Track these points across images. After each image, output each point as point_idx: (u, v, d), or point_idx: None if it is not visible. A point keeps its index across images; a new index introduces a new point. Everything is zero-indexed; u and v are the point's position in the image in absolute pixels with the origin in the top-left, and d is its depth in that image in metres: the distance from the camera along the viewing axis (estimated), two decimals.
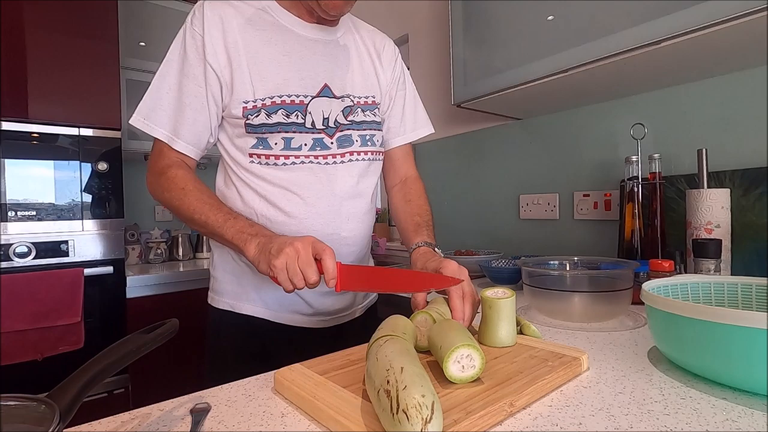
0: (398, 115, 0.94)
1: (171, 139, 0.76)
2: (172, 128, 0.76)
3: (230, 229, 0.68)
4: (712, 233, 0.91)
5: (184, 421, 0.45)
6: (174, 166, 0.76)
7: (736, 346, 0.45)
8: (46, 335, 1.45)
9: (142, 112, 0.76)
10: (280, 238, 0.64)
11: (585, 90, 1.25)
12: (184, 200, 0.72)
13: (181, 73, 0.75)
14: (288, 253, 0.60)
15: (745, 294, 0.61)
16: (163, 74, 0.76)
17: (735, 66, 1.05)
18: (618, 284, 0.76)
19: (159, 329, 0.41)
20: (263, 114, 0.75)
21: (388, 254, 2.20)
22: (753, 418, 0.41)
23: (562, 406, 0.44)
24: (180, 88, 0.75)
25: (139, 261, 2.10)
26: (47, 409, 0.30)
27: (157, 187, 0.76)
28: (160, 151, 0.77)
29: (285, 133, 0.76)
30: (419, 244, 0.81)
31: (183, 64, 0.75)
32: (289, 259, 0.60)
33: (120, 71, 1.73)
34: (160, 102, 0.75)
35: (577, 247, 1.42)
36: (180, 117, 0.75)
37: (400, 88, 0.94)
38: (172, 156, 0.77)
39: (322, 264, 0.61)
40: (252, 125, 0.75)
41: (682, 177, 1.13)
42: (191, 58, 0.75)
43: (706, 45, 0.91)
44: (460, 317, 0.62)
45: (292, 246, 0.60)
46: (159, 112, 0.75)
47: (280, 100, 0.75)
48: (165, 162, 0.76)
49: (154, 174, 0.77)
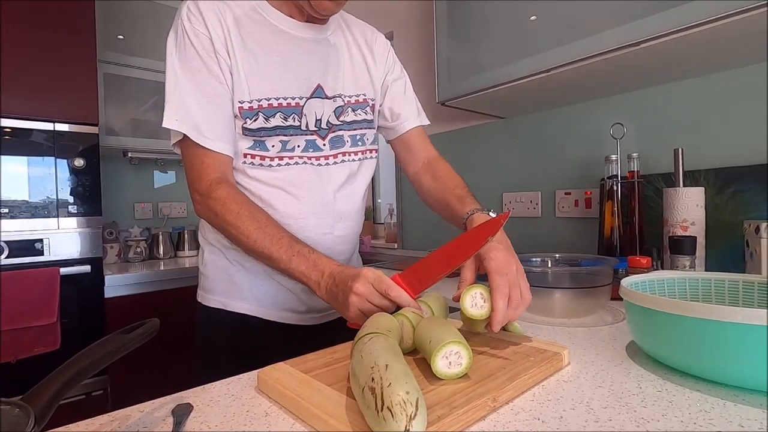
0: (402, 100, 0.92)
1: (218, 145, 0.72)
2: (214, 133, 0.72)
3: (295, 271, 0.67)
4: (687, 230, 0.93)
5: (165, 422, 0.44)
6: (222, 182, 0.72)
7: (708, 340, 0.46)
8: (21, 336, 1.41)
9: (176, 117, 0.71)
10: (342, 281, 0.62)
11: (567, 90, 1.27)
12: (241, 228, 0.69)
13: (198, 75, 0.72)
14: (354, 302, 0.59)
15: (718, 289, 0.63)
16: (179, 80, 0.72)
17: (713, 67, 1.09)
18: (598, 280, 0.78)
19: (139, 329, 0.40)
20: (261, 118, 0.74)
21: (373, 252, 2.20)
22: (725, 409, 0.42)
23: (543, 401, 0.45)
24: (203, 90, 0.72)
25: (117, 260, 2.05)
26: (21, 412, 0.30)
27: (207, 211, 0.72)
28: (202, 163, 0.72)
29: (283, 136, 0.76)
30: (470, 212, 0.74)
31: (197, 65, 0.72)
32: (361, 306, 0.59)
33: (98, 65, 1.69)
34: (190, 109, 0.71)
35: (559, 244, 1.45)
36: (216, 119, 0.72)
37: (397, 77, 0.93)
38: (216, 166, 0.73)
39: (393, 299, 0.59)
40: (250, 129, 0.74)
41: (660, 176, 1.16)
42: (205, 58, 0.72)
43: (684, 47, 0.94)
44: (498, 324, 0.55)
45: (354, 295, 0.59)
46: (195, 119, 0.71)
47: (277, 102, 0.75)
48: (211, 176, 0.72)
49: (201, 193, 0.72)
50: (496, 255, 0.60)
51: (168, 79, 0.73)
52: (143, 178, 2.32)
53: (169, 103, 0.71)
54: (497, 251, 0.60)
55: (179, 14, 0.74)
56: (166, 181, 2.41)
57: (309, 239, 0.73)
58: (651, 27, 0.90)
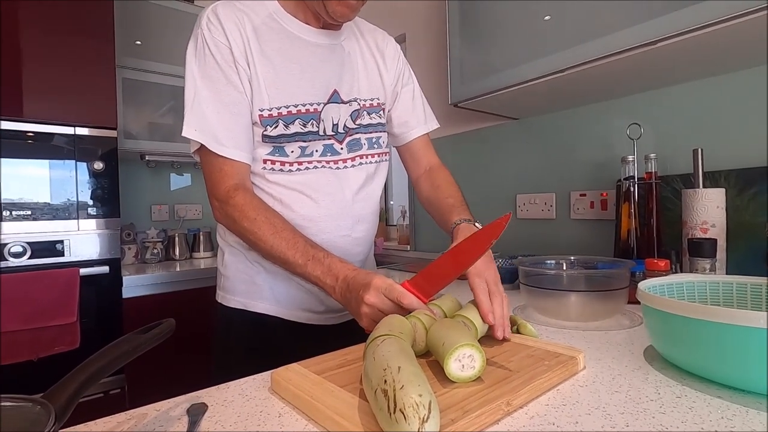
0: (410, 107, 0.94)
1: (236, 153, 0.73)
2: (233, 141, 0.73)
3: (311, 275, 0.68)
4: (707, 233, 0.91)
5: (180, 421, 0.44)
6: (240, 189, 0.73)
7: (731, 345, 0.45)
8: (42, 335, 1.44)
9: (195, 127, 0.72)
10: (354, 288, 0.63)
11: (582, 90, 1.25)
12: (258, 234, 0.70)
13: (218, 83, 0.73)
14: (368, 313, 0.60)
15: (740, 293, 0.62)
16: (198, 89, 0.73)
17: (731, 66, 1.06)
18: (614, 283, 0.76)
19: (155, 329, 0.41)
20: (281, 125, 0.75)
21: (385, 254, 2.20)
22: (748, 417, 0.41)
23: (558, 405, 0.45)
24: (221, 98, 0.73)
25: (135, 261, 2.09)
26: (42, 409, 0.30)
27: (225, 217, 0.74)
28: (221, 171, 0.74)
29: (302, 142, 0.77)
30: (457, 222, 0.78)
31: (216, 73, 0.73)
32: (374, 315, 0.60)
33: (116, 70, 1.72)
34: (209, 118, 0.72)
35: (574, 247, 1.43)
36: (235, 128, 0.73)
37: (406, 83, 0.94)
38: (234, 173, 0.74)
39: (406, 307, 0.60)
40: (270, 136, 0.75)
41: (678, 177, 1.14)
42: (223, 66, 0.73)
43: (701, 45, 0.92)
44: (488, 312, 0.59)
45: (366, 306, 0.60)
46: (213, 128, 0.72)
47: (296, 109, 0.76)
48: (229, 183, 0.73)
49: (219, 199, 0.74)
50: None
51: (187, 88, 0.74)
52: (160, 180, 2.36)
53: (188, 113, 0.73)
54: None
55: (198, 23, 0.75)
56: (182, 184, 2.44)
57: (327, 241, 0.74)
58: (667, 26, 0.88)
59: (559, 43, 1.10)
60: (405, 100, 0.93)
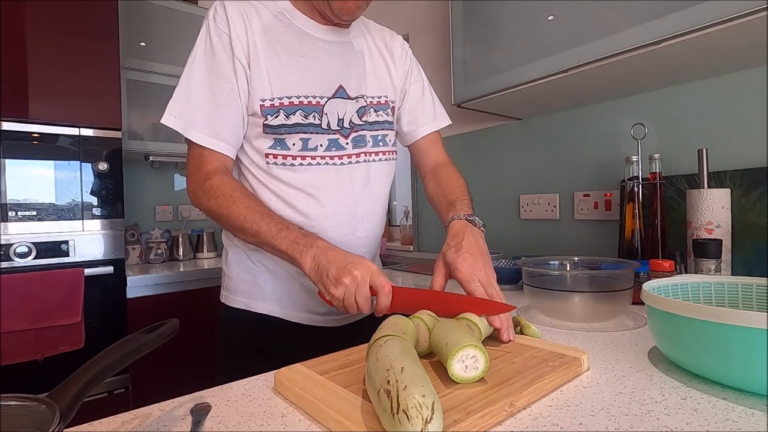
0: (419, 105, 0.94)
1: (212, 142, 0.73)
2: (212, 131, 0.73)
3: (284, 240, 0.66)
4: (712, 233, 0.91)
5: (184, 420, 0.45)
6: (218, 172, 0.73)
7: (736, 346, 0.45)
8: (47, 335, 1.45)
9: (175, 114, 0.73)
10: (336, 256, 0.62)
11: (585, 90, 1.25)
12: (233, 208, 0.70)
13: (211, 72, 0.74)
14: (347, 284, 0.59)
15: (746, 294, 0.61)
16: (192, 75, 0.74)
17: (735, 66, 1.05)
18: (618, 284, 0.76)
19: (159, 329, 0.41)
20: (282, 115, 0.75)
21: (388, 254, 2.20)
22: (753, 419, 0.41)
23: (562, 406, 0.44)
24: (212, 87, 0.74)
25: (139, 261, 2.10)
26: (47, 409, 0.30)
27: (201, 195, 0.73)
28: (200, 156, 0.74)
29: (303, 134, 0.77)
30: (452, 218, 0.77)
31: (212, 63, 0.74)
32: (347, 291, 0.59)
33: (120, 71, 1.73)
34: (194, 104, 0.73)
35: (578, 247, 1.42)
36: (217, 117, 0.74)
37: (414, 80, 0.94)
38: (214, 160, 0.74)
39: (378, 300, 0.60)
40: (271, 126, 0.75)
41: (683, 177, 1.13)
42: (220, 56, 0.74)
43: (706, 45, 0.91)
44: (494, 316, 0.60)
45: (351, 276, 0.59)
46: (194, 115, 0.73)
47: (298, 100, 0.76)
48: (208, 167, 0.74)
49: (196, 181, 0.74)
50: (462, 266, 0.65)
51: (183, 73, 0.75)
52: (164, 181, 2.37)
53: (173, 99, 0.74)
54: (464, 261, 0.65)
55: (207, 14, 0.77)
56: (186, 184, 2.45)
57: (330, 240, 0.74)
58: (671, 26, 0.88)
59: (562, 43, 1.09)
60: (414, 98, 0.93)
